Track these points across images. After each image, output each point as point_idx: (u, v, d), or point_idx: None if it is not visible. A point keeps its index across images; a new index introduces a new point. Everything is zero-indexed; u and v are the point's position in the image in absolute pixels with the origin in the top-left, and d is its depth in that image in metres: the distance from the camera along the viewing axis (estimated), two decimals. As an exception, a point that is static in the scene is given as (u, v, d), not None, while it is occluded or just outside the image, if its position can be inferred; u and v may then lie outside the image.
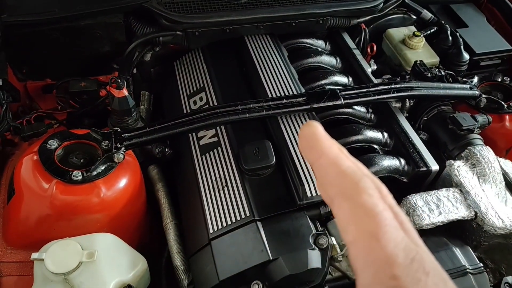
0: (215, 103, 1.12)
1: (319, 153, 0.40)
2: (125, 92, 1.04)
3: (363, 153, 1.02)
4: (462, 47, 1.37)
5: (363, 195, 0.35)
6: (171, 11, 1.23)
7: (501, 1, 1.56)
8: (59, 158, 0.91)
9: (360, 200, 0.35)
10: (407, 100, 1.15)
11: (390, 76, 1.31)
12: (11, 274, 0.92)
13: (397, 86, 1.09)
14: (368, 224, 0.34)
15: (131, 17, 1.27)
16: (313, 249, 0.81)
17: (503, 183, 1.00)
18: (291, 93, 1.10)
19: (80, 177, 0.87)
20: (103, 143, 0.93)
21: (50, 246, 0.80)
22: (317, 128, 0.41)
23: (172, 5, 1.25)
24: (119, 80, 1.02)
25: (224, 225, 0.88)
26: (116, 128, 0.99)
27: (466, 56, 1.36)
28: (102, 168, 0.90)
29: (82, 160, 0.93)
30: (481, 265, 0.90)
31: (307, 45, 1.35)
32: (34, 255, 0.80)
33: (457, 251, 0.91)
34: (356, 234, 0.34)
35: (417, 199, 0.93)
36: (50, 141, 0.91)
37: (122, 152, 0.91)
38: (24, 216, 0.92)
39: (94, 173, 0.88)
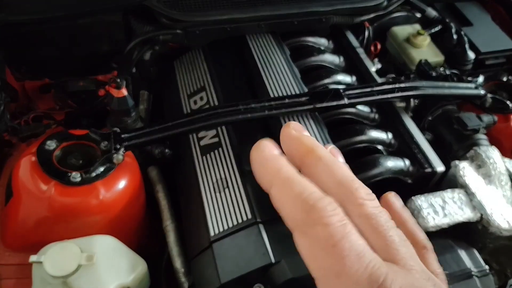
0: (216, 103, 1.10)
1: (269, 181, 0.33)
2: (124, 92, 1.02)
3: (367, 153, 1.01)
4: (467, 46, 1.35)
5: (316, 227, 0.31)
6: (171, 9, 1.21)
7: (506, -1, 1.55)
8: (57, 159, 0.89)
9: (314, 234, 0.31)
10: (412, 99, 1.14)
11: (394, 75, 1.30)
12: (9, 277, 0.91)
13: (402, 85, 1.08)
14: (326, 262, 0.30)
15: (130, 15, 1.26)
16: (316, 252, 0.80)
17: (509, 184, 0.98)
18: (293, 92, 1.08)
19: (79, 179, 0.85)
20: (102, 144, 0.91)
21: (48, 249, 0.79)
22: (264, 149, 0.33)
23: (172, 3, 1.23)
24: (118, 80, 1.01)
25: (226, 227, 0.87)
26: (115, 128, 0.97)
27: (471, 55, 1.35)
28: (101, 169, 0.88)
29: (81, 161, 0.91)
30: (487, 267, 0.88)
31: (309, 43, 1.33)
32: (33, 258, 0.78)
33: (463, 254, 0.89)
34: (316, 274, 0.31)
35: (422, 201, 0.91)
36: (48, 142, 0.89)
37: (122, 153, 0.90)
38: (22, 218, 0.91)
39: (93, 174, 0.87)
